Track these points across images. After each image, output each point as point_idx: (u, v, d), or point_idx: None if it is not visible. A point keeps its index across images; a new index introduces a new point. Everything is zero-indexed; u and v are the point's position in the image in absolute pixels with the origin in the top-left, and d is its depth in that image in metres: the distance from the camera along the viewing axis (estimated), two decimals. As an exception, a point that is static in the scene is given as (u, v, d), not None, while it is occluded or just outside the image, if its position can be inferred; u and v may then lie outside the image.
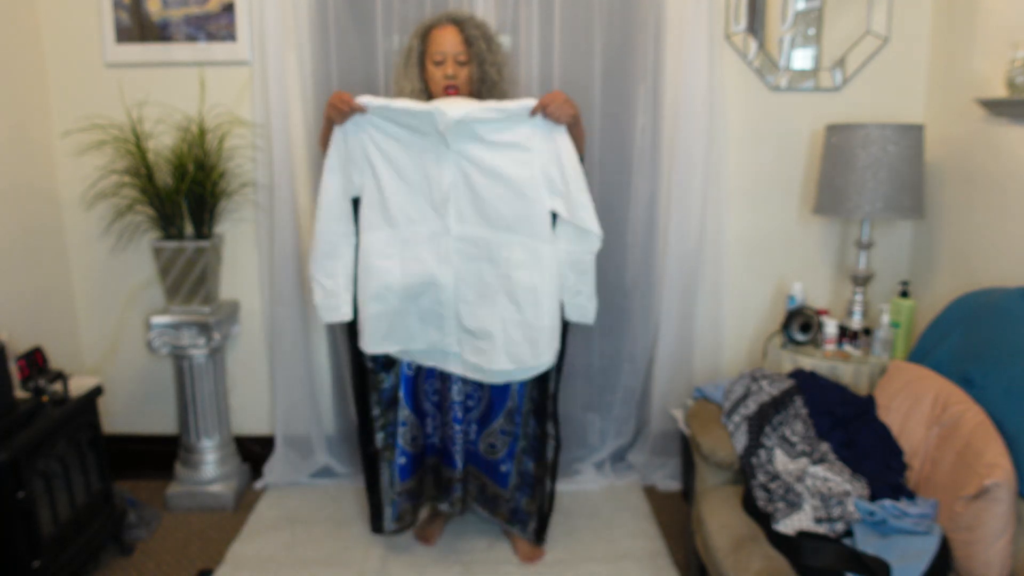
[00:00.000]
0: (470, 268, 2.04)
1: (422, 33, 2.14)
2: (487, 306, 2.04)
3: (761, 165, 2.67)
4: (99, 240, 2.72)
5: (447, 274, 2.04)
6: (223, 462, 2.70)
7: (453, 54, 2.08)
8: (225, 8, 2.54)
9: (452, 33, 2.08)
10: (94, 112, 2.59)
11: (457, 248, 2.03)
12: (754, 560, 1.68)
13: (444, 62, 2.08)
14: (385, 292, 2.06)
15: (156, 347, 2.55)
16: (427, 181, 2.01)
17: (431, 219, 2.03)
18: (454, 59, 2.08)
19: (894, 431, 1.94)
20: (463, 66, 2.10)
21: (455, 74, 2.08)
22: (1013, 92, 2.01)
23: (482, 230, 2.02)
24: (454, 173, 1.99)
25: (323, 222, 2.06)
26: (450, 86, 2.09)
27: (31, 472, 1.96)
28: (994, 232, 2.20)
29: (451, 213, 2.02)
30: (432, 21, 2.12)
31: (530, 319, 2.01)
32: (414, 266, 2.05)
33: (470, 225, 2.02)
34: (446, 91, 2.09)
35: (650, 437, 2.80)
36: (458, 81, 2.09)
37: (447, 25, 2.10)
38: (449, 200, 2.01)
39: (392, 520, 2.31)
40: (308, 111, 2.57)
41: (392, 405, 2.25)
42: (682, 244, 2.62)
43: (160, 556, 2.38)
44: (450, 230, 2.03)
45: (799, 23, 2.58)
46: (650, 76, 2.60)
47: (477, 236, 2.02)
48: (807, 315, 2.46)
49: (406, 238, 2.05)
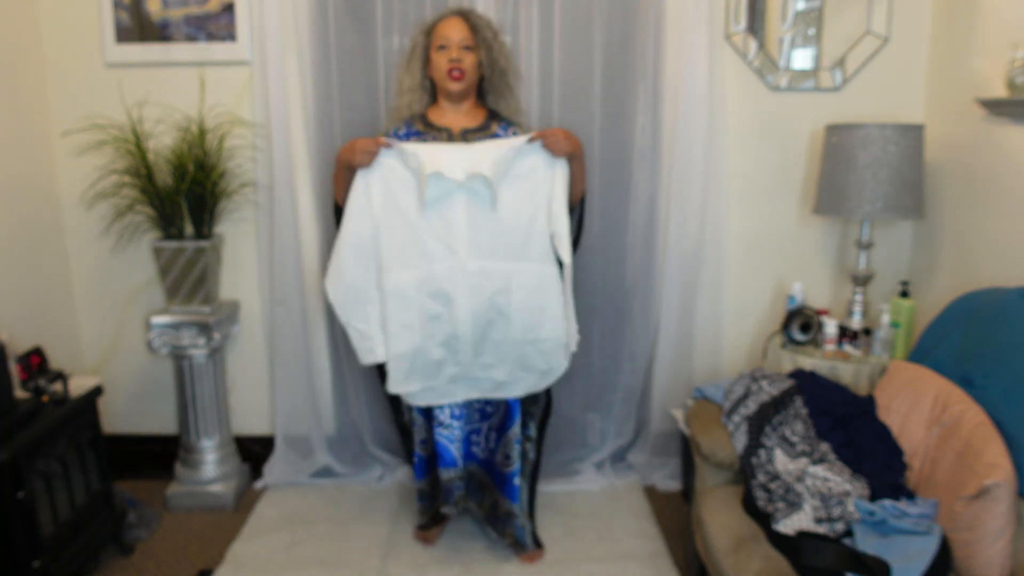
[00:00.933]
0: (483, 300, 2.06)
1: (427, 28, 2.16)
2: (501, 332, 2.09)
3: (761, 165, 2.67)
4: (99, 240, 2.72)
5: (464, 309, 2.06)
6: (223, 462, 2.70)
7: (458, 40, 2.10)
8: (225, 8, 2.54)
9: (457, 22, 2.12)
10: (94, 112, 2.59)
11: (471, 283, 2.05)
12: (754, 560, 1.68)
13: (448, 47, 2.10)
14: (404, 331, 2.09)
15: (156, 347, 2.55)
16: (441, 219, 2.04)
17: (445, 256, 2.05)
18: (459, 45, 2.10)
19: (894, 431, 1.94)
20: (469, 51, 2.11)
21: (459, 57, 2.09)
22: (1013, 92, 2.01)
23: (494, 262, 2.05)
24: (466, 209, 2.03)
25: (351, 269, 2.09)
26: (454, 68, 2.09)
27: (31, 472, 1.96)
28: (994, 232, 2.20)
29: (463, 249, 2.04)
30: (436, 16, 2.17)
31: (542, 336, 2.10)
32: (431, 304, 2.07)
33: (482, 259, 2.05)
34: (450, 74, 2.10)
35: (650, 437, 2.80)
36: (463, 65, 2.10)
37: (452, 17, 2.13)
38: (462, 236, 2.04)
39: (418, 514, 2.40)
40: (308, 111, 2.57)
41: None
42: (682, 244, 2.62)
43: (160, 556, 2.38)
44: (464, 266, 2.04)
45: (799, 23, 2.58)
46: (650, 76, 2.60)
47: (490, 268, 2.05)
48: (807, 315, 2.46)
49: (422, 277, 2.06)
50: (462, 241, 2.03)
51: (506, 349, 2.10)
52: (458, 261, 2.04)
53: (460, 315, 2.06)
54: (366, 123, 2.63)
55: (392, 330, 2.09)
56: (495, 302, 2.06)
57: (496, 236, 2.04)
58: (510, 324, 2.08)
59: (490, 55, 2.14)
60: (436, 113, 2.19)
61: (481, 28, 2.13)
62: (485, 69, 2.15)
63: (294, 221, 2.61)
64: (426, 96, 2.21)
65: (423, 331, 2.08)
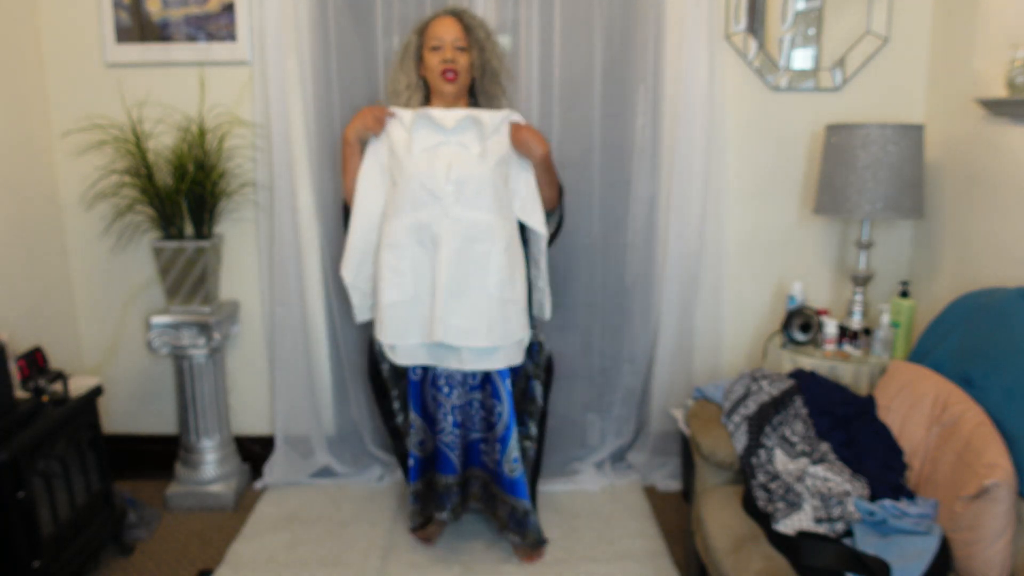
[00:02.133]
0: (464, 247, 2.07)
1: (420, 27, 2.17)
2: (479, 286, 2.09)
3: (761, 165, 2.67)
4: (99, 240, 2.72)
5: (446, 252, 2.06)
6: (223, 462, 2.70)
7: (451, 40, 2.11)
8: (225, 8, 2.54)
9: (451, 22, 2.13)
10: (94, 112, 2.59)
11: (454, 229, 2.06)
12: (754, 560, 1.68)
13: (442, 47, 2.11)
14: (396, 278, 2.10)
15: (156, 347, 2.55)
16: (429, 167, 2.06)
17: (431, 202, 2.06)
18: (452, 45, 2.11)
19: (894, 431, 1.94)
20: (462, 52, 2.12)
21: (453, 57, 2.11)
22: (1013, 92, 2.01)
23: (477, 213, 2.07)
24: (452, 159, 2.06)
25: (360, 234, 2.17)
26: (448, 69, 2.11)
27: (31, 472, 1.95)
28: (994, 232, 2.20)
29: (448, 196, 2.05)
30: (430, 15, 2.18)
31: (507, 296, 2.10)
32: (419, 252, 2.09)
33: (466, 208, 2.06)
34: (443, 75, 2.12)
35: (650, 437, 2.80)
36: (457, 66, 2.11)
37: (445, 16, 2.14)
38: (447, 183, 2.05)
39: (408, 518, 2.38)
40: (308, 111, 2.57)
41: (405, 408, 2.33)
42: (682, 244, 2.62)
43: (160, 556, 2.38)
44: (448, 211, 2.05)
45: (799, 23, 2.58)
46: (650, 76, 2.60)
47: (473, 218, 2.07)
48: (807, 315, 2.46)
49: (411, 224, 2.08)
50: (448, 187, 2.05)
51: (483, 307, 2.09)
52: (443, 207, 2.05)
53: (443, 257, 2.05)
54: (366, 123, 2.63)
55: (386, 277, 2.11)
56: (475, 252, 2.07)
57: (479, 188, 2.06)
58: (487, 277, 2.08)
59: (483, 56, 2.15)
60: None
61: (475, 28, 2.14)
62: (476, 70, 2.16)
63: (294, 221, 2.62)
64: (419, 95, 2.22)
65: (415, 278, 2.10)
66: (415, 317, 2.11)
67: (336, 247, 2.69)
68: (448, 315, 2.07)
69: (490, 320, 2.08)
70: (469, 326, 2.08)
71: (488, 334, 2.08)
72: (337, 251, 2.69)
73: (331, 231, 2.69)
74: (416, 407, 2.25)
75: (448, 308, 2.07)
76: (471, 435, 2.26)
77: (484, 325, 2.08)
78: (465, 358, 2.14)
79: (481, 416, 2.24)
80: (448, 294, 2.06)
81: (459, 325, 2.08)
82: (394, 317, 2.12)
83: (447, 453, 2.24)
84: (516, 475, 2.21)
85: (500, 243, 2.08)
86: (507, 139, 2.13)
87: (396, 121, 2.13)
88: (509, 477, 2.22)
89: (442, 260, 2.05)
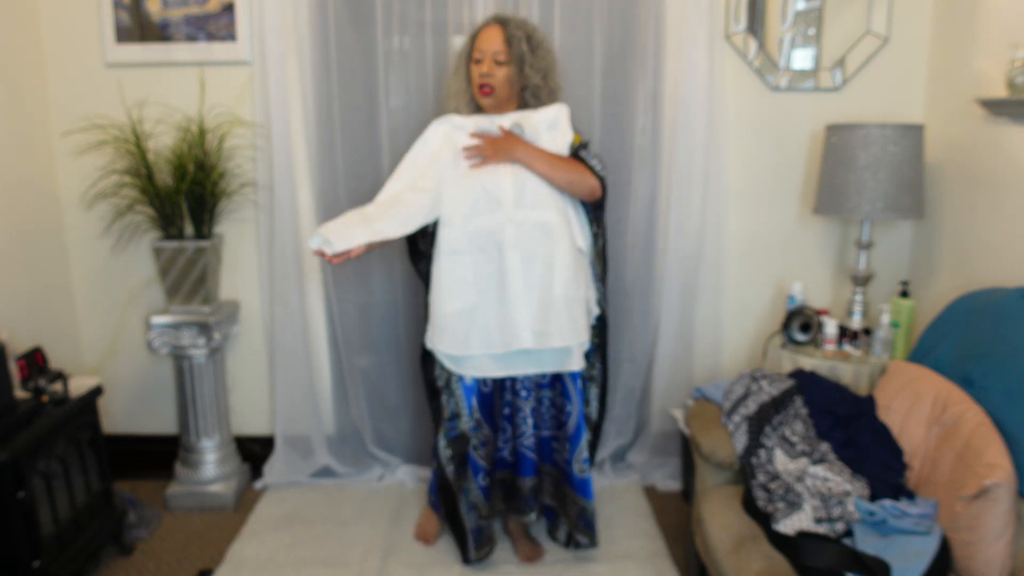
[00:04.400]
0: (532, 249, 2.03)
1: (472, 34, 2.16)
2: (547, 286, 2.04)
3: (761, 165, 2.67)
4: (99, 240, 2.72)
5: (513, 258, 2.02)
6: (223, 462, 2.70)
7: (491, 53, 2.08)
8: (225, 8, 2.54)
9: (495, 32, 2.10)
10: (94, 112, 2.59)
11: (519, 232, 2.02)
12: (754, 560, 1.68)
13: (482, 60, 2.10)
14: (459, 286, 2.06)
15: (156, 347, 2.55)
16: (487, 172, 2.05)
17: (493, 208, 2.04)
18: (492, 58, 2.09)
19: (894, 431, 1.94)
20: (501, 66, 2.09)
21: (490, 72, 2.09)
22: (1013, 92, 2.01)
23: (539, 212, 2.04)
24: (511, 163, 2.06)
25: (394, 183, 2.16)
26: (483, 84, 2.10)
27: (31, 472, 1.96)
28: (994, 232, 2.20)
29: (509, 200, 2.03)
30: (482, 22, 2.16)
31: (572, 294, 2.05)
32: (482, 260, 2.05)
33: (528, 209, 2.04)
34: (480, 90, 2.11)
35: (650, 437, 2.80)
36: (494, 81, 2.09)
37: (492, 25, 2.12)
38: (508, 188, 2.03)
39: (475, 549, 2.27)
40: (308, 111, 2.57)
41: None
42: (682, 244, 2.62)
43: (160, 556, 2.38)
44: (512, 216, 2.03)
45: (799, 23, 2.58)
46: (650, 76, 2.60)
47: (536, 218, 2.04)
48: (807, 315, 2.46)
49: (472, 230, 2.05)
50: (508, 193, 2.03)
51: (555, 308, 2.04)
52: (505, 212, 2.03)
53: (510, 264, 2.01)
54: (366, 123, 2.63)
55: (446, 286, 2.07)
56: (542, 253, 2.03)
57: (538, 187, 2.05)
58: (554, 278, 2.04)
59: (521, 72, 2.11)
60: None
61: (516, 42, 2.08)
62: (514, 84, 2.13)
63: (294, 221, 2.62)
64: (469, 97, 2.21)
65: (477, 286, 2.06)
66: (478, 326, 2.07)
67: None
68: (524, 320, 2.03)
69: (559, 321, 2.04)
70: (543, 329, 2.04)
71: (560, 335, 2.04)
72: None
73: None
74: (485, 416, 2.18)
75: (523, 313, 2.03)
76: (543, 432, 2.23)
77: (556, 327, 2.04)
78: (545, 361, 2.11)
79: (552, 414, 2.22)
80: (520, 300, 2.02)
81: (535, 329, 2.03)
82: (456, 326, 2.07)
83: (528, 455, 2.22)
84: (586, 475, 2.18)
85: (563, 242, 2.05)
86: (561, 136, 2.12)
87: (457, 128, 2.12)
88: (579, 477, 2.19)
89: (510, 266, 2.02)
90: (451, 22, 2.54)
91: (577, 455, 2.18)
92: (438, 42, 2.56)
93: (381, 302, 2.78)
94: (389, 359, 2.82)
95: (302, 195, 2.64)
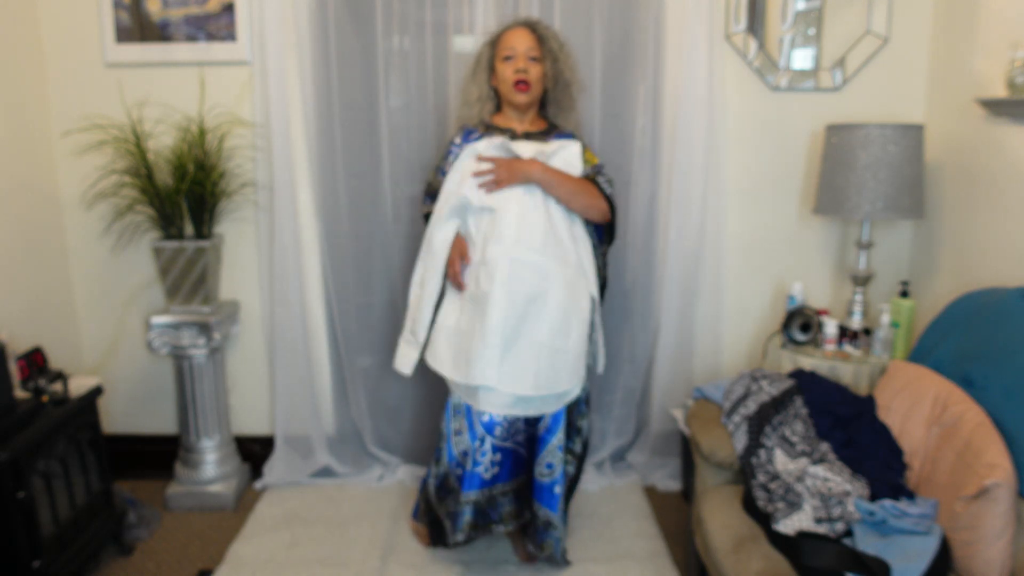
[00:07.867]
0: (522, 290, 2.02)
1: (493, 39, 2.17)
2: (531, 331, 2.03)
3: (761, 165, 2.67)
4: (99, 240, 2.72)
5: (501, 293, 2.01)
6: (223, 462, 2.70)
7: (524, 50, 2.11)
8: (225, 8, 2.54)
9: (524, 33, 2.13)
10: (94, 112, 2.59)
11: (513, 270, 2.02)
12: (754, 560, 1.68)
13: (515, 57, 2.10)
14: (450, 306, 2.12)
15: (156, 347, 2.55)
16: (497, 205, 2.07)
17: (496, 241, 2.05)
18: (525, 55, 2.11)
19: (894, 431, 1.94)
20: (535, 62, 2.12)
21: (526, 67, 2.11)
22: (1013, 92, 2.01)
23: (539, 257, 2.04)
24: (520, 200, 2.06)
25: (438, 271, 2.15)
26: (520, 80, 2.11)
27: (31, 472, 1.96)
28: (994, 232, 2.20)
29: (510, 237, 2.04)
30: (503, 27, 2.17)
31: (559, 345, 2.05)
32: (475, 287, 2.07)
33: (528, 251, 2.04)
34: (516, 86, 2.12)
35: (650, 437, 2.80)
36: (529, 77, 2.11)
37: (518, 27, 2.14)
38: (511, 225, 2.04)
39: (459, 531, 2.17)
40: (308, 111, 2.57)
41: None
42: (682, 244, 2.62)
43: (160, 556, 2.38)
44: (509, 252, 2.03)
45: (799, 23, 2.58)
46: (650, 76, 2.60)
47: (534, 261, 2.04)
48: (807, 315, 2.46)
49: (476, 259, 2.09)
50: (511, 229, 2.04)
51: (535, 352, 2.03)
52: (504, 247, 2.03)
53: (497, 297, 2.00)
54: (366, 123, 2.63)
55: (444, 306, 2.14)
56: (533, 294, 2.02)
57: (545, 233, 2.06)
58: (541, 323, 2.03)
59: (556, 67, 2.14)
60: (500, 119, 2.24)
61: (548, 39, 2.13)
62: (549, 81, 2.16)
63: (294, 221, 2.62)
64: (491, 105, 2.23)
65: (463, 309, 2.09)
66: (459, 351, 2.07)
67: (336, 247, 2.69)
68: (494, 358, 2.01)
69: (537, 369, 2.02)
70: (516, 373, 2.02)
71: (535, 383, 2.03)
72: (337, 251, 2.70)
73: (331, 231, 2.69)
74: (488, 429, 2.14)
75: (496, 351, 2.01)
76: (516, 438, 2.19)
77: (531, 373, 2.02)
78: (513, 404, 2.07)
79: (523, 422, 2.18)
80: (497, 336, 2.01)
81: (506, 371, 2.02)
82: (444, 341, 2.10)
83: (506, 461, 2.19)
84: (545, 481, 2.14)
85: (556, 289, 2.03)
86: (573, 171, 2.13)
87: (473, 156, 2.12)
88: (538, 481, 2.16)
89: (494, 299, 2.01)
90: (451, 22, 2.54)
91: (541, 458, 2.13)
92: (438, 42, 2.57)
93: (381, 302, 2.78)
94: (389, 359, 2.81)
95: (302, 195, 2.64)
